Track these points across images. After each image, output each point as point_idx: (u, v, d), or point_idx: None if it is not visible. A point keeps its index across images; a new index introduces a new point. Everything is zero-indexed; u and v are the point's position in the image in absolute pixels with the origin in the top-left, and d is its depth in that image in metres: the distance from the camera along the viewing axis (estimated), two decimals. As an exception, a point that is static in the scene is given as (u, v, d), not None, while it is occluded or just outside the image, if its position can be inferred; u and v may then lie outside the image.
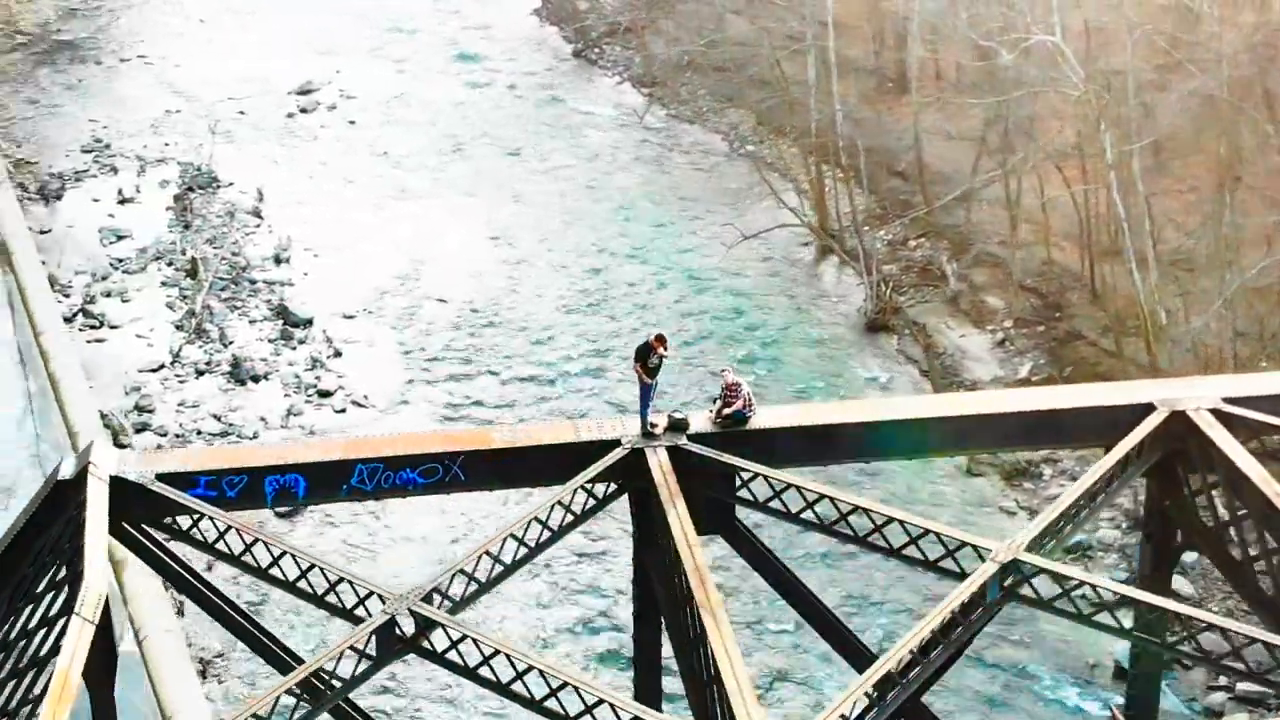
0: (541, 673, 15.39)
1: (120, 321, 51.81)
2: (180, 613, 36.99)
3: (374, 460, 18.44)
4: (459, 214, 60.07)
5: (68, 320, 51.51)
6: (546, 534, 17.96)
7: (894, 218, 57.25)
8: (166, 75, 74.98)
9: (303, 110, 70.21)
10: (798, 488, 18.38)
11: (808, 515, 18.48)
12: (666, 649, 18.99)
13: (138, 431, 45.52)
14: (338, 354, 50.02)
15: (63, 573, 16.34)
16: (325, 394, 47.78)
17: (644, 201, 61.42)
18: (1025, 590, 17.27)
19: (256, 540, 17.11)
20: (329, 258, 56.44)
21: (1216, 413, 19.42)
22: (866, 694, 15.33)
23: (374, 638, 15.93)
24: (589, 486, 18.45)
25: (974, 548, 17.38)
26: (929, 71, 62.20)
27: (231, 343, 50.45)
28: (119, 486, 17.44)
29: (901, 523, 17.84)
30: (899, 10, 61.32)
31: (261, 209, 60.07)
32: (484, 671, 15.86)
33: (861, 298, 53.18)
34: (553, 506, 17.94)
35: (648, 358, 19.40)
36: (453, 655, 16.02)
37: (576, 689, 15.21)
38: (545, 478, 18.96)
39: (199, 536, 17.47)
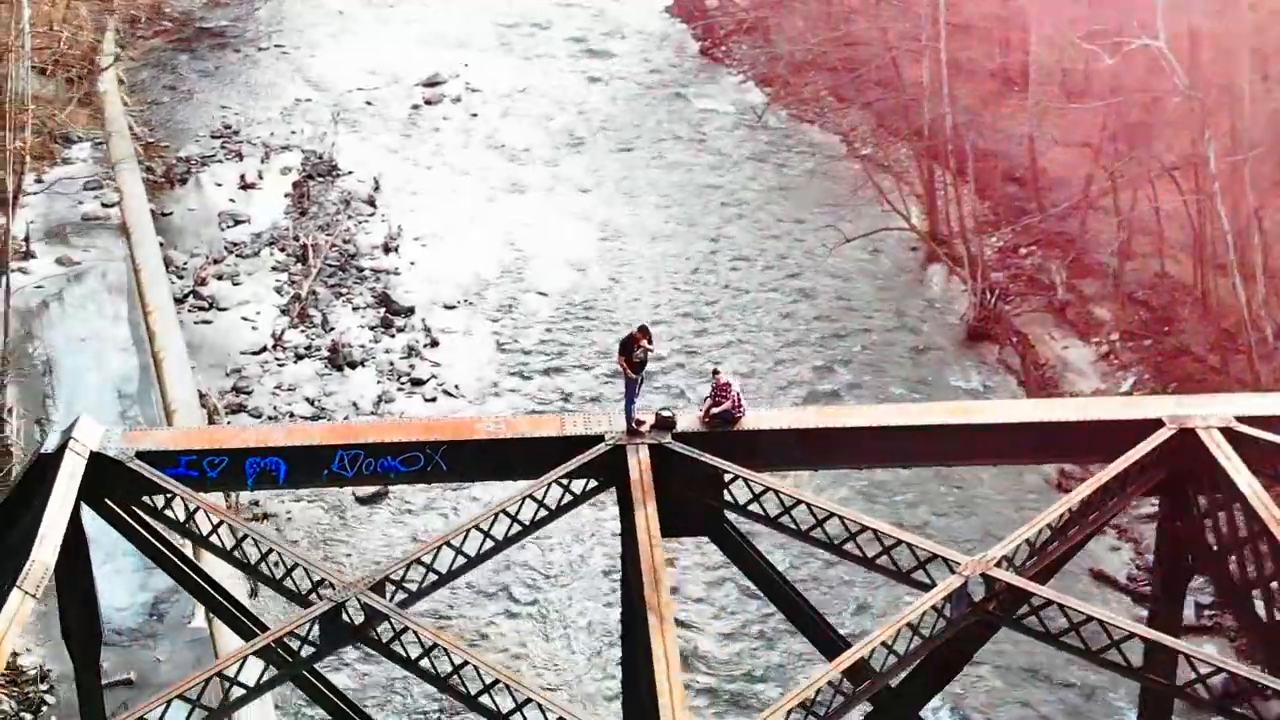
0: (476, 669, 15.31)
1: (229, 304, 52.93)
2: (254, 593, 37.63)
3: (355, 446, 18.57)
4: (568, 208, 60.33)
5: (179, 301, 52.74)
6: (516, 528, 17.90)
7: (1006, 224, 56.16)
8: (301, 64, 76.51)
9: (427, 102, 71.10)
10: (775, 491, 18.08)
11: (785, 520, 18.15)
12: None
13: (233, 413, 46.47)
14: (434, 343, 50.54)
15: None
16: (418, 382, 48.30)
17: (755, 202, 61.05)
18: (997, 607, 16.71)
19: (222, 522, 17.31)
20: (436, 248, 57.06)
21: (1227, 432, 18.68)
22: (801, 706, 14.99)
23: (318, 624, 16.00)
24: (565, 481, 18.34)
25: (944, 560, 16.90)
26: (1054, 76, 60.84)
27: (333, 329, 51.25)
28: (99, 462, 17.73)
29: (875, 532, 17.42)
30: (1026, 11, 59.98)
31: (376, 198, 60.94)
32: (424, 664, 15.84)
33: (966, 305, 52.25)
34: (523, 500, 17.86)
35: (632, 352, 19.23)
36: (397, 646, 16.01)
37: (508, 686, 15.11)
38: (528, 471, 18.90)
39: (172, 515, 17.71)
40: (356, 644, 16.35)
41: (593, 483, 18.60)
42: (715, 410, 19.12)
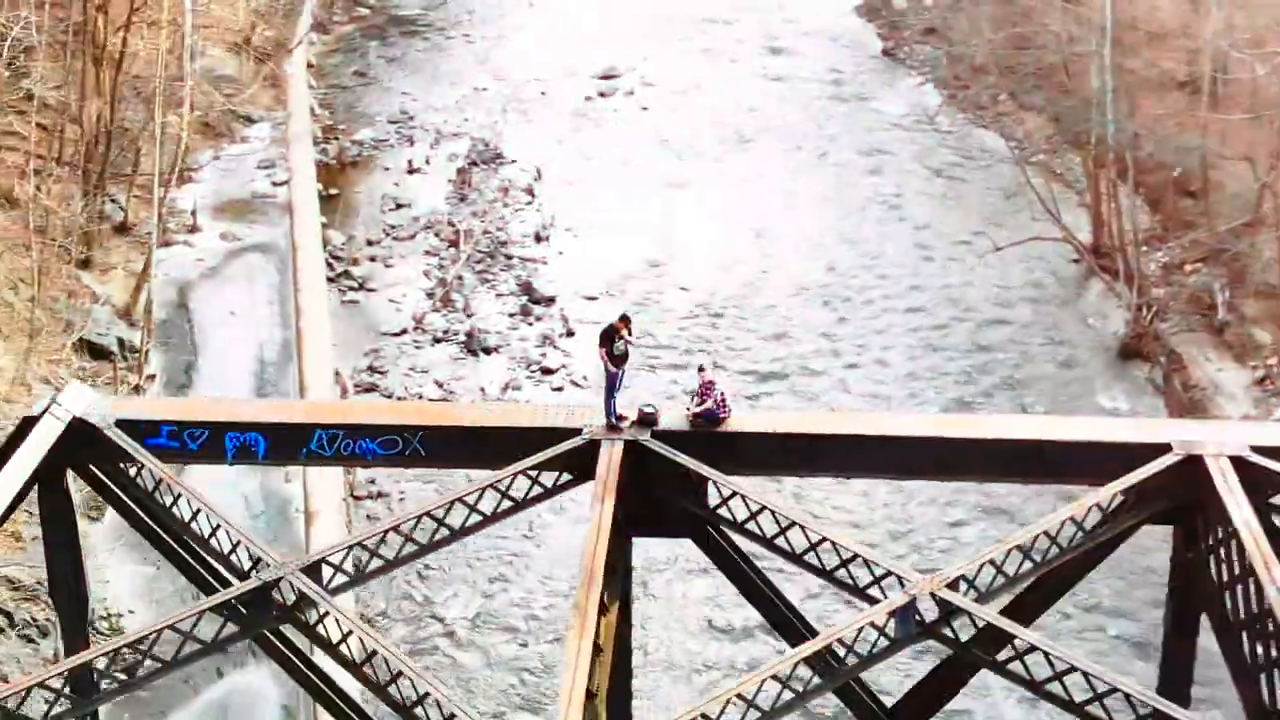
0: (384, 658, 15.19)
1: (378, 285, 53.92)
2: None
3: (334, 426, 18.61)
4: (723, 206, 59.86)
5: (332, 280, 53.92)
6: (475, 518, 17.69)
7: (1174, 238, 53.86)
8: (484, 53, 77.54)
9: (600, 94, 71.36)
10: (742, 496, 17.54)
11: (751, 526, 17.60)
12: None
13: (364, 391, 47.32)
14: (570, 333, 50.69)
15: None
16: (548, 371, 48.53)
17: (916, 207, 59.75)
18: (950, 629, 15.94)
19: (180, 495, 17.48)
20: (586, 238, 57.22)
21: (1238, 461, 17.49)
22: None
23: (248, 599, 16.05)
24: (534, 473, 18.09)
25: (898, 576, 16.19)
26: (1244, 87, 58.09)
27: (474, 314, 51.81)
28: (79, 427, 18.09)
29: (834, 543, 16.78)
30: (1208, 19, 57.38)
31: (535, 187, 61.40)
32: (343, 649, 15.77)
33: (1120, 321, 50.32)
34: (484, 490, 17.65)
35: (613, 342, 18.86)
36: (321, 630, 15.98)
37: (410, 679, 14.95)
38: (507, 460, 18.65)
39: (141, 484, 17.97)
40: (279, 625, 16.35)
41: (565, 476, 18.30)
42: (698, 409, 18.66)
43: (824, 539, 16.82)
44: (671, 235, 57.55)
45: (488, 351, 49.59)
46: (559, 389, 47.69)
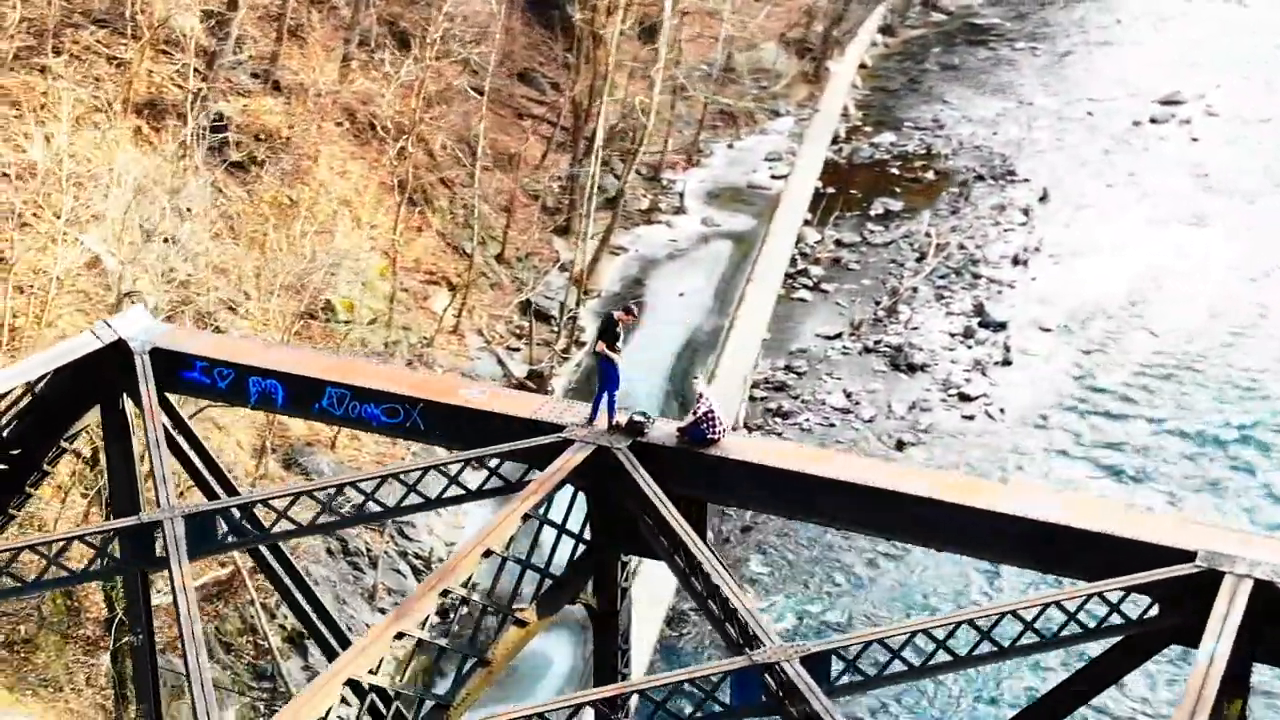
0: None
1: (831, 287, 52.91)
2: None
3: (343, 386, 18.31)
4: (1239, 251, 54.01)
5: (789, 276, 53.43)
6: (414, 498, 16.94)
7: None
8: (1046, 68, 74.21)
9: (1152, 120, 66.33)
10: (671, 528, 15.76)
11: (678, 558, 15.82)
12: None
13: (775, 390, 46.53)
14: (1007, 363, 47.57)
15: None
16: (966, 398, 45.75)
17: None
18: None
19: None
20: (1067, 267, 53.42)
21: (1265, 586, 13.95)
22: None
23: (122, 538, 16.16)
24: (493, 464, 17.08)
25: (758, 636, 14.03)
26: None
27: (916, 329, 49.72)
28: (117, 350, 18.87)
29: (719, 594, 14.77)
30: None
31: (1033, 208, 57.99)
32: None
33: None
34: (425, 471, 16.85)
35: (614, 336, 17.40)
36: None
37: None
38: (493, 445, 17.69)
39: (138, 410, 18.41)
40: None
41: (535, 473, 17.06)
42: (683, 425, 16.84)
43: (718, 588, 14.72)
44: (1163, 274, 52.59)
45: (912, 369, 47.40)
46: (969, 417, 44.81)
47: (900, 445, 43.25)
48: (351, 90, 48.63)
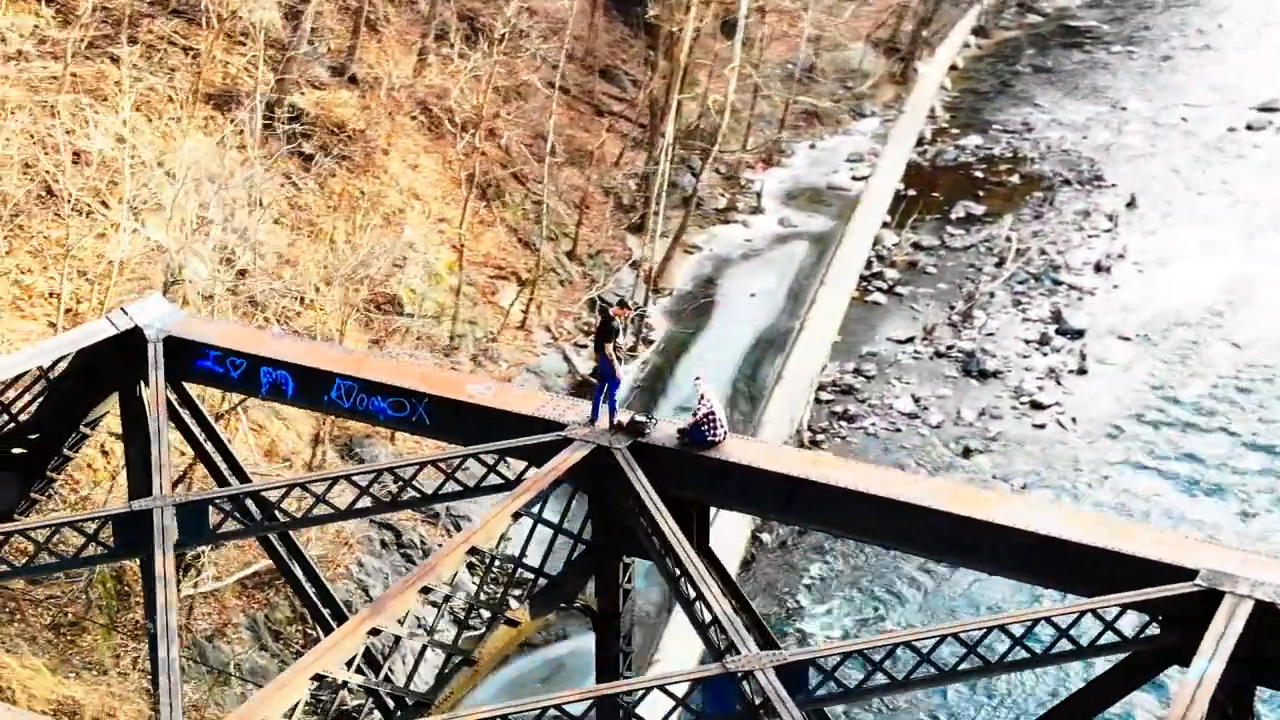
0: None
1: (906, 290, 52.13)
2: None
3: (351, 379, 18.27)
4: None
5: (864, 279, 52.74)
6: (410, 493, 16.79)
7: None
8: (1143, 72, 72.71)
9: (1247, 127, 64.72)
10: (662, 530, 15.46)
11: (668, 561, 15.51)
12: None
13: (842, 393, 45.93)
14: (1082, 371, 46.52)
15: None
16: (1037, 406, 44.79)
17: None
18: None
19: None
20: (1151, 275, 52.21)
21: (1266, 608, 13.40)
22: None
23: (115, 525, 16.15)
24: (490, 460, 16.90)
25: (734, 645, 13.70)
26: None
27: (991, 335, 48.84)
28: (132, 338, 18.93)
29: (704, 601, 14.44)
30: None
31: (1119, 215, 56.74)
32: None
33: None
34: (422, 465, 16.69)
35: (610, 330, 17.10)
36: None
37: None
38: (496, 441, 17.50)
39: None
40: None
41: (532, 470, 16.84)
42: (683, 426, 16.51)
43: (700, 596, 14.38)
44: (1251, 285, 51.19)
45: (984, 375, 46.54)
46: (1040, 426, 43.87)
47: (967, 452, 42.47)
48: (426, 85, 48.75)
